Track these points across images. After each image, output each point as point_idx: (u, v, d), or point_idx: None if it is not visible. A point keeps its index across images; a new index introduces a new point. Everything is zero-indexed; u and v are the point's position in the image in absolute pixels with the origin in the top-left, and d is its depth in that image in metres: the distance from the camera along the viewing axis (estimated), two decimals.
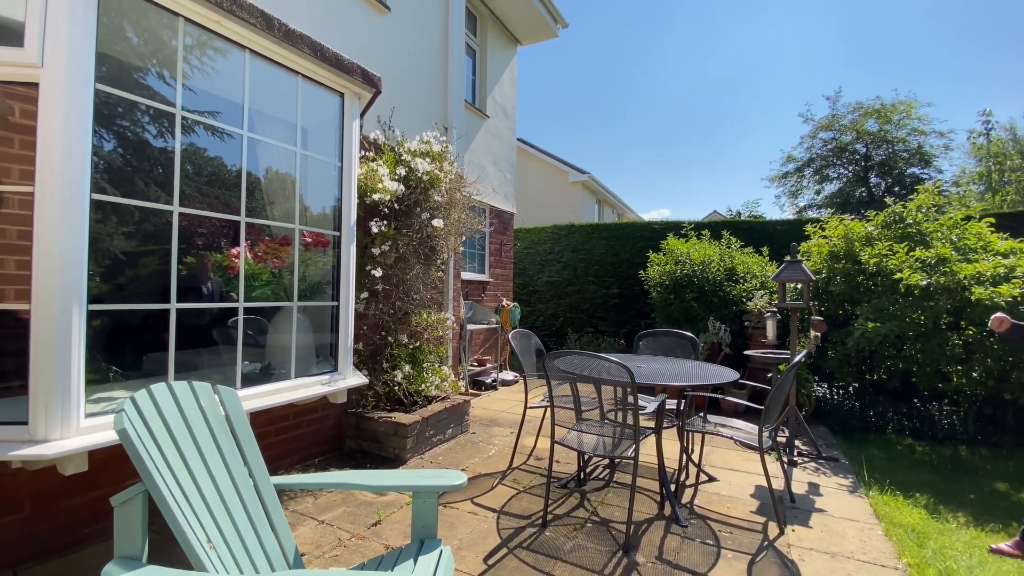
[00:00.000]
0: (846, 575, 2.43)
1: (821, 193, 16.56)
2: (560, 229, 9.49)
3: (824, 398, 5.59)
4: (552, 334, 9.34)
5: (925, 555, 2.63)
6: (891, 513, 3.13)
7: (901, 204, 5.18)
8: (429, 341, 4.49)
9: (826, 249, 5.18)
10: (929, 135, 14.73)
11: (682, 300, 6.33)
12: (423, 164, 4.10)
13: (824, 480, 3.69)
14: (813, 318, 4.13)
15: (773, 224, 8.13)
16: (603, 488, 3.47)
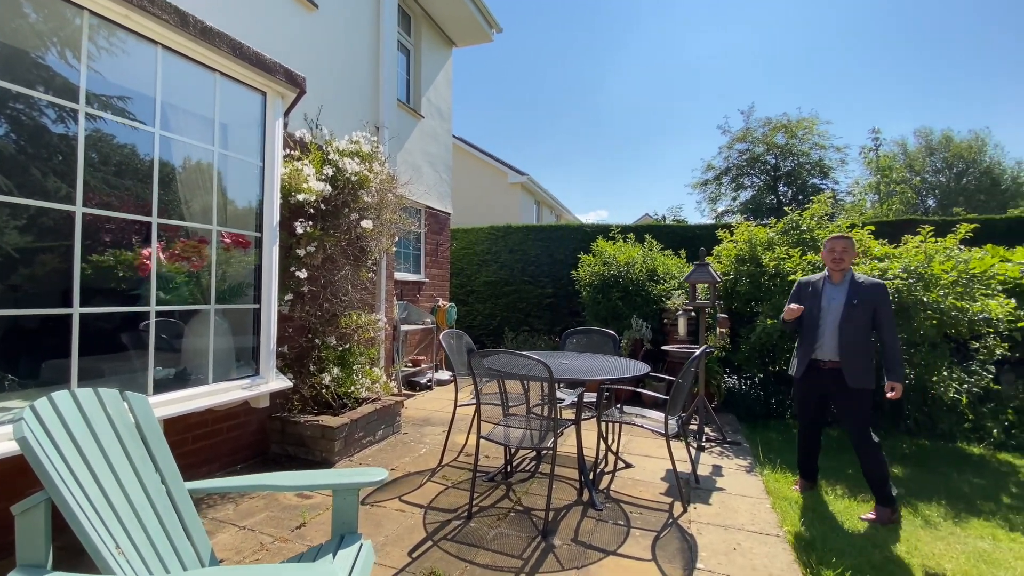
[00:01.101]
0: (735, 544, 2.75)
1: (737, 200, 18.08)
2: (497, 230, 9.66)
3: (733, 388, 6.12)
4: (490, 333, 9.50)
5: (803, 522, 3.02)
6: (779, 488, 3.54)
7: (798, 213, 5.77)
8: (359, 343, 4.48)
9: (733, 253, 5.68)
10: (828, 149, 16.59)
11: (609, 299, 6.68)
12: (352, 164, 4.09)
13: (726, 462, 4.09)
14: (719, 316, 4.54)
15: (693, 228, 8.74)
16: (528, 479, 3.65)
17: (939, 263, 4.74)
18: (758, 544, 2.75)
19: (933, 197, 24.82)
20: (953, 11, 49.65)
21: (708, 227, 8.83)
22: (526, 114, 65.85)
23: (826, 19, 52.66)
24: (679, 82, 60.13)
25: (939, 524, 3.11)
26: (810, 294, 3.51)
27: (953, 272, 4.71)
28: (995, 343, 5.03)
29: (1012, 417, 5.02)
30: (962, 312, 4.56)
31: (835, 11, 52.08)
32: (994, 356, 5.10)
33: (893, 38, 52.78)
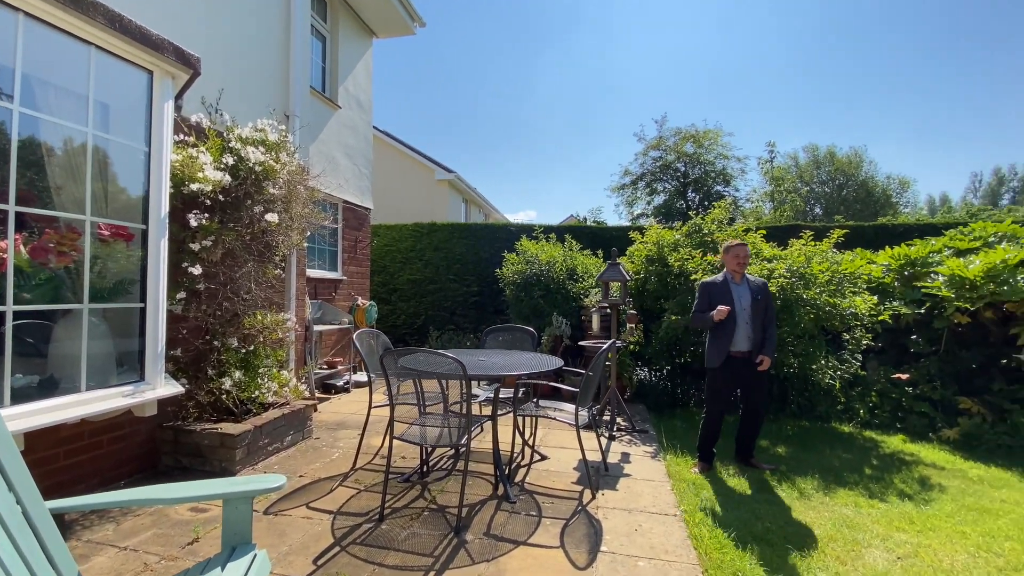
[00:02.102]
0: (637, 525, 2.92)
1: (651, 204, 19.28)
2: (422, 227, 9.51)
3: (644, 380, 6.49)
4: (414, 332, 9.33)
5: (698, 502, 3.27)
6: (679, 471, 3.81)
7: (700, 217, 6.23)
8: (266, 344, 4.22)
9: (643, 253, 6.02)
10: (730, 159, 18.28)
11: (531, 297, 6.82)
12: (256, 153, 3.84)
13: (634, 449, 4.33)
14: (628, 312, 4.79)
15: (611, 230, 9.16)
16: (445, 478, 3.64)
17: (817, 264, 5.33)
18: (657, 524, 2.94)
19: (820, 205, 27.86)
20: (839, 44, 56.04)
21: (625, 229, 9.29)
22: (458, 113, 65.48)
23: (731, 45, 57.38)
24: (604, 89, 62.69)
25: (812, 495, 3.50)
26: (721, 294, 3.89)
27: (828, 272, 5.31)
28: (862, 334, 5.73)
29: (875, 399, 5.74)
30: (835, 308, 5.16)
31: (738, 40, 56.88)
32: (861, 346, 5.82)
33: (788, 65, 58.57)
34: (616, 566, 2.47)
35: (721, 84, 60.17)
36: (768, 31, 56.86)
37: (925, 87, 58.85)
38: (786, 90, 60.97)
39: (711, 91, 59.96)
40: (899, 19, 53.84)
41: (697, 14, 54.08)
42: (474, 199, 19.04)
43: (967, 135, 58.78)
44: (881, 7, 53.29)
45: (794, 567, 2.55)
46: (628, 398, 6.16)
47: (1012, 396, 5.04)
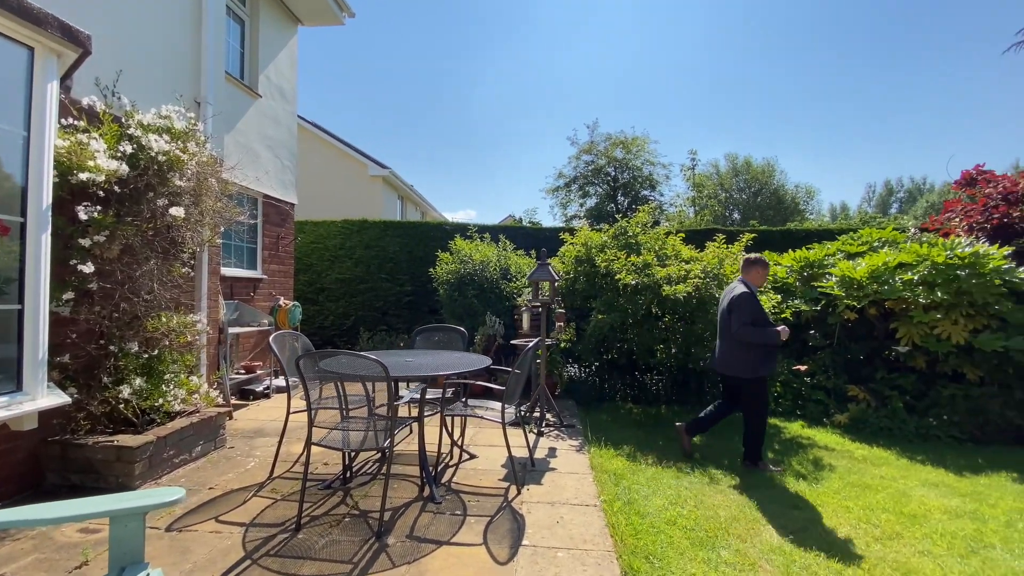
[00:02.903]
0: (559, 517, 3.01)
1: (584, 206, 19.95)
2: (352, 224, 9.20)
3: (574, 377, 6.68)
4: (343, 333, 9.01)
5: (617, 491, 3.41)
6: (602, 463, 3.96)
7: (625, 220, 6.51)
8: (172, 348, 3.91)
9: (573, 254, 6.20)
10: (656, 165, 19.32)
11: (465, 297, 6.81)
12: (159, 142, 3.55)
13: (561, 444, 4.46)
14: (557, 311, 4.92)
15: (545, 231, 9.33)
16: (369, 482, 3.55)
17: (728, 266, 5.74)
18: (578, 515, 3.04)
19: (738, 211, 30.00)
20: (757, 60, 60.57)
21: (559, 230, 9.50)
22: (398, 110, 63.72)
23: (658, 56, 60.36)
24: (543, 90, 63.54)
25: (721, 480, 3.77)
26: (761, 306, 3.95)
27: (738, 273, 5.72)
28: None
29: (779, 389, 6.26)
30: None
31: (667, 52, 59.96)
32: None
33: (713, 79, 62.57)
34: (536, 558, 2.53)
35: (650, 93, 63.05)
36: (695, 46, 60.54)
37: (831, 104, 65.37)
38: (710, 102, 65.09)
39: (640, 99, 62.68)
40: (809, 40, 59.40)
41: (632, 24, 56.47)
42: (410, 196, 18.69)
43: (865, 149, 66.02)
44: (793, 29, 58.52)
45: (700, 547, 2.73)
46: (558, 395, 6.33)
47: (891, 384, 5.69)
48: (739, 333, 3.86)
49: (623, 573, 2.43)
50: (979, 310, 5.27)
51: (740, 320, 3.85)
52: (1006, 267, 5.38)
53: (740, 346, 3.92)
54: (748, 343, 3.86)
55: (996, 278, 5.28)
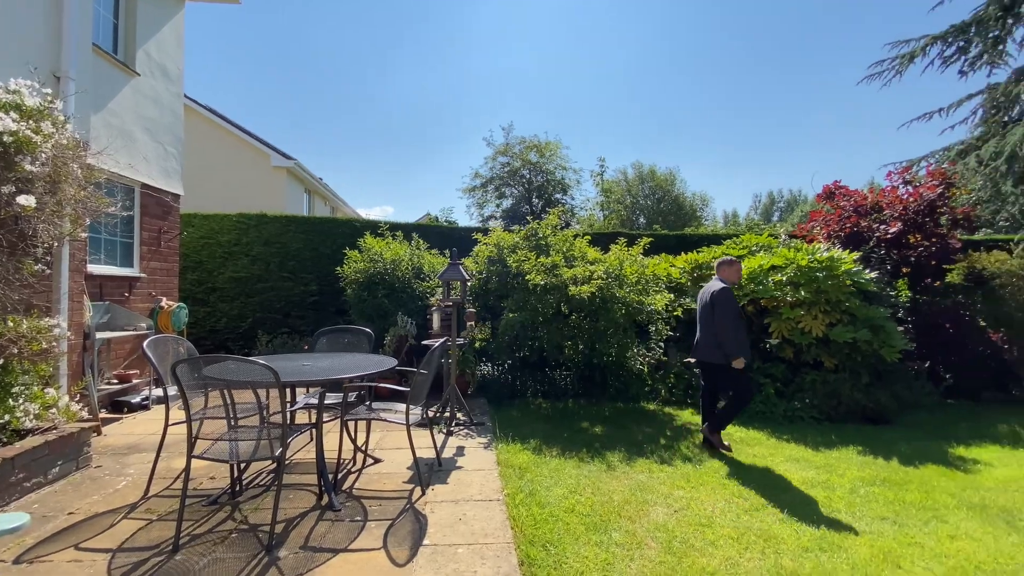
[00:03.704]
0: (462, 514, 3.04)
1: (500, 207, 20.24)
2: (248, 218, 8.54)
3: (488, 375, 6.76)
4: (239, 337, 8.35)
5: (521, 484, 3.52)
6: (509, 458, 4.05)
7: (536, 222, 6.70)
8: (23, 357, 3.40)
9: (486, 254, 6.27)
10: (568, 170, 20.14)
11: (375, 297, 6.62)
12: (4, 121, 3.06)
13: (470, 442, 4.49)
14: (467, 310, 4.95)
15: (460, 230, 9.32)
16: (262, 494, 3.34)
17: (628, 266, 6.12)
18: (482, 511, 3.09)
19: (644, 215, 32.00)
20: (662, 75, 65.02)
21: (474, 229, 9.55)
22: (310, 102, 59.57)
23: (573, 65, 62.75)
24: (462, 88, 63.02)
25: (617, 467, 4.02)
26: None
27: (636, 274, 6.13)
28: (663, 327, 6.74)
29: (673, 380, 6.78)
30: (641, 304, 5.99)
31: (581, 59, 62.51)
32: (663, 336, 6.85)
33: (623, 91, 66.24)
34: (436, 557, 2.54)
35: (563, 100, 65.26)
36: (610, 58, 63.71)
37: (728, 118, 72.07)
38: (620, 112, 68.89)
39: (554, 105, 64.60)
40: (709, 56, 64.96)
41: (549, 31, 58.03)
42: (319, 191, 17.75)
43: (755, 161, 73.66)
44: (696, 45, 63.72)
45: (594, 531, 2.90)
46: (471, 393, 6.37)
47: (765, 372, 6.39)
48: (720, 324, 4.39)
49: (520, 563, 2.52)
50: (834, 307, 6.09)
51: (722, 313, 4.40)
52: (855, 269, 6.28)
53: (722, 335, 4.40)
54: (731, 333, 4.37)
55: (847, 279, 6.14)
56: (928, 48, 8.33)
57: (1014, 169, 7.27)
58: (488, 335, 6.42)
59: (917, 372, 6.71)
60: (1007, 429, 5.51)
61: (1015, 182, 7.58)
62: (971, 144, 7.65)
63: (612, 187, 27.29)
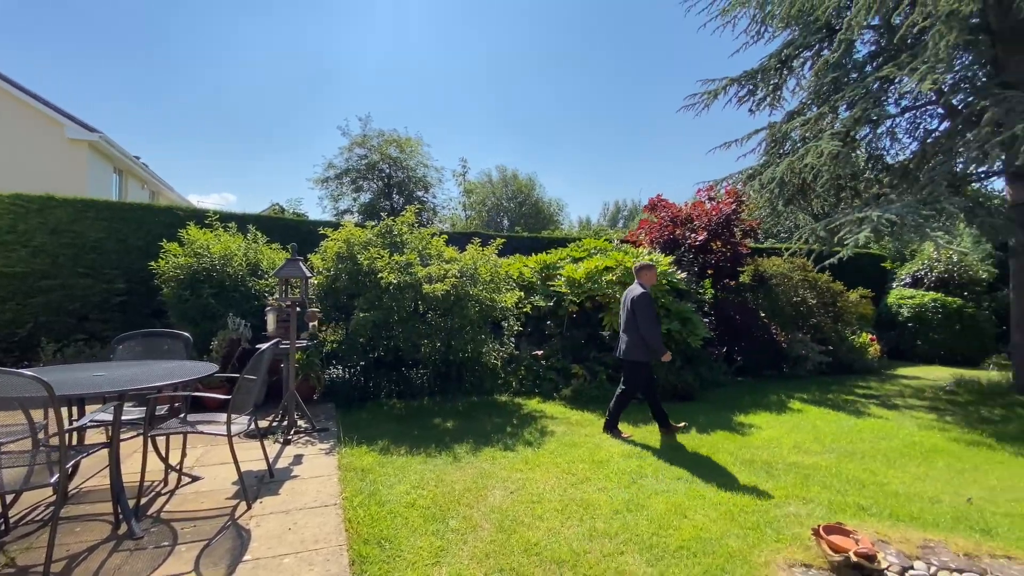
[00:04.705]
0: (292, 524, 2.89)
1: (358, 201, 19.30)
2: (27, 201, 6.92)
3: (337, 378, 6.44)
4: (14, 347, 6.73)
5: (362, 486, 3.45)
6: (352, 462, 3.94)
7: (391, 219, 6.58)
8: None
9: (335, 250, 5.98)
10: (430, 168, 20.02)
11: (199, 296, 5.87)
12: None
13: (310, 449, 4.26)
14: (308, 310, 4.68)
15: (308, 223, 8.71)
16: (37, 531, 2.78)
17: (482, 266, 6.35)
18: (315, 518, 2.97)
19: (508, 217, 33.29)
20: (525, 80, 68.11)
21: (326, 223, 8.99)
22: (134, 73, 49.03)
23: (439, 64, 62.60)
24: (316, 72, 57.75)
25: (463, 458, 4.15)
26: None
27: (489, 273, 6.39)
28: (514, 322, 7.12)
29: (523, 372, 7.20)
30: (494, 302, 6.26)
31: (444, 57, 62.66)
32: (514, 331, 7.24)
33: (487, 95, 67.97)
34: (258, 570, 2.39)
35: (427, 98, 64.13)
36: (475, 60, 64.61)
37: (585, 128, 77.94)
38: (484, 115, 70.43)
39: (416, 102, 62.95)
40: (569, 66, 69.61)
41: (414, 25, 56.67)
42: (134, 172, 15.12)
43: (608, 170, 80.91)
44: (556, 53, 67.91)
45: (432, 522, 2.98)
46: (317, 399, 6.02)
47: (600, 361, 7.14)
48: (644, 329, 4.84)
49: (351, 562, 2.48)
50: None
51: (646, 317, 4.85)
52: (669, 271, 7.34)
53: (643, 334, 4.88)
54: (649, 332, 4.83)
55: (664, 279, 7.15)
56: (728, 88, 10.04)
57: (783, 192, 9.15)
58: (342, 336, 6.14)
59: (717, 356, 8.07)
60: (776, 399, 6.93)
61: (784, 203, 9.55)
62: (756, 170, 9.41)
63: (476, 188, 27.89)
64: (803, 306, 9.28)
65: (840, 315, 9.49)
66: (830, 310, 9.44)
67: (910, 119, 9.06)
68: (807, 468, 4.20)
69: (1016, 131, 5.85)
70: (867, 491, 3.74)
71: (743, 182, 9.64)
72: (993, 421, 6.01)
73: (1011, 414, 6.34)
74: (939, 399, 7.15)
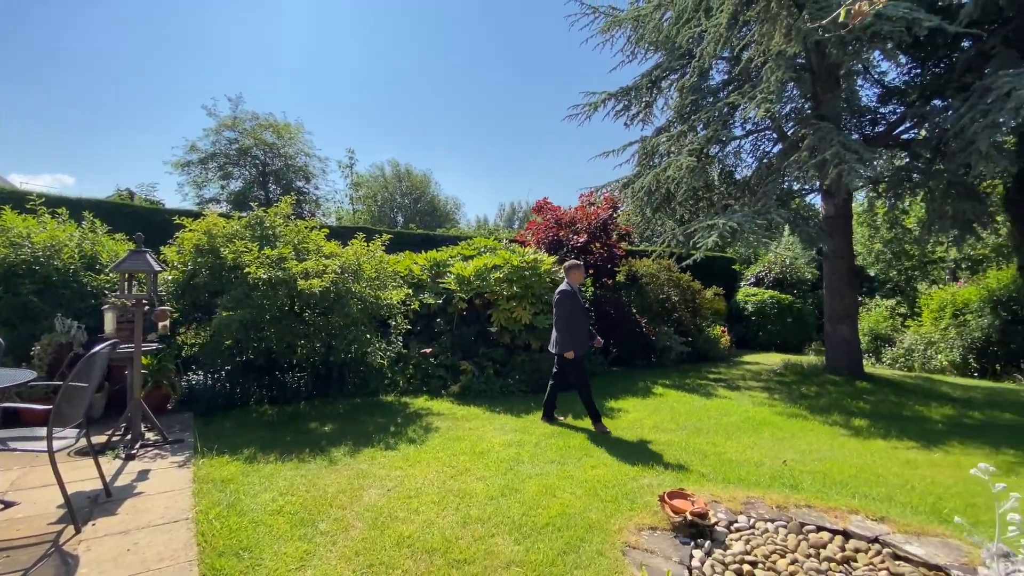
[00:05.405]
0: (133, 543, 2.59)
1: (226, 189, 17.51)
2: None
3: (197, 385, 5.84)
4: None
5: (220, 497, 3.19)
6: (210, 473, 3.62)
7: (263, 209, 6.11)
8: None
9: (193, 242, 5.41)
10: (313, 157, 18.77)
11: (16, 294, 4.94)
12: None
13: (159, 463, 3.83)
14: (157, 309, 4.19)
15: (163, 212, 7.76)
16: None
17: (366, 262, 6.17)
18: (161, 535, 2.69)
19: (402, 214, 32.51)
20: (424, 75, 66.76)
21: (187, 213, 8.06)
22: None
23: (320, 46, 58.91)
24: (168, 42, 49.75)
25: (340, 460, 4.02)
26: (579, 302, 5.24)
27: (375, 269, 6.23)
28: (402, 320, 7.01)
29: (411, 371, 7.13)
30: (378, 299, 6.11)
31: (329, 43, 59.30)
32: (402, 330, 7.13)
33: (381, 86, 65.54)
34: None
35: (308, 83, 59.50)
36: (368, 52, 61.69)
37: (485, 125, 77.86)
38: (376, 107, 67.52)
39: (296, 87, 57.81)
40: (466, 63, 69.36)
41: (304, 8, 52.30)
42: None
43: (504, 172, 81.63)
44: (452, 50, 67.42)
45: (300, 526, 2.86)
46: (172, 408, 5.40)
47: (488, 356, 7.31)
48: (557, 325, 5.23)
49: None
50: (538, 299, 7.39)
51: (558, 313, 5.20)
52: (553, 269, 7.75)
53: (561, 332, 5.18)
54: (564, 330, 5.18)
55: (548, 277, 7.53)
56: (606, 102, 10.85)
57: (652, 200, 10.12)
58: (205, 338, 5.56)
59: (596, 348, 8.70)
60: (643, 385, 7.65)
61: (652, 210, 10.56)
62: (630, 179, 10.29)
63: (366, 182, 26.79)
64: (668, 302, 10.36)
65: (698, 310, 10.74)
66: (690, 306, 10.64)
67: (753, 141, 10.57)
68: (663, 444, 4.72)
69: (826, 156, 7.10)
70: (708, 460, 4.31)
71: (619, 190, 10.47)
72: (809, 397, 7.25)
73: (823, 390, 7.69)
74: (771, 380, 8.44)
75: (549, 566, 2.57)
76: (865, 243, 15.40)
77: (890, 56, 7.78)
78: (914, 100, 8.72)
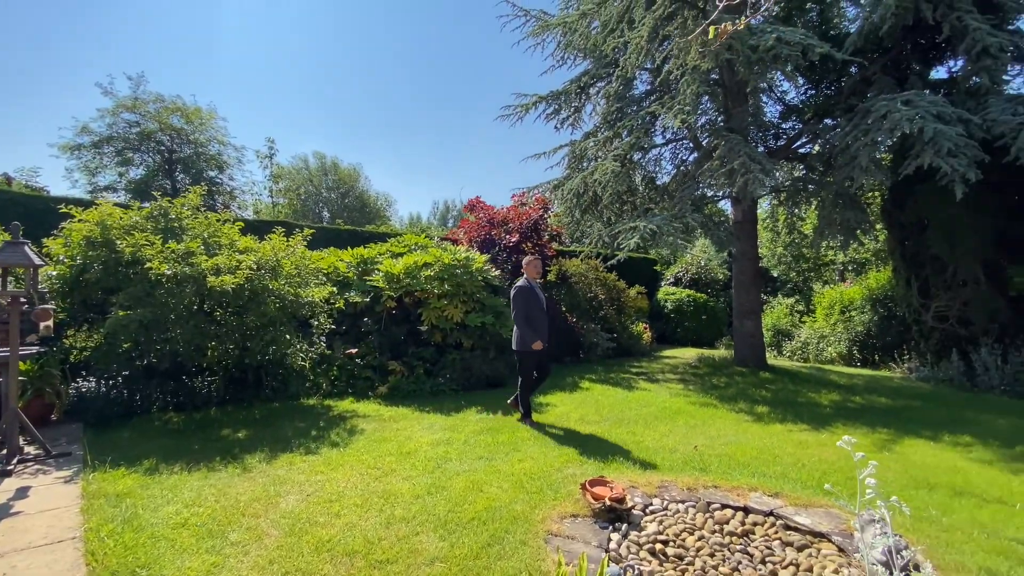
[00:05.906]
0: (10, 567, 2.31)
1: (124, 177, 15.82)
2: None
3: (88, 392, 5.26)
4: None
5: (115, 513, 2.91)
6: (103, 488, 3.29)
7: (167, 200, 5.63)
8: None
9: (83, 234, 4.87)
10: (227, 146, 17.47)
11: None
12: None
13: (41, 479, 3.42)
14: (39, 308, 3.74)
15: (48, 200, 6.90)
16: None
17: (285, 258, 5.86)
18: (43, 556, 2.42)
19: (328, 208, 31.10)
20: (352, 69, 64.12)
21: (76, 201, 7.23)
22: None
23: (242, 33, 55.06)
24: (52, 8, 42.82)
25: (255, 467, 3.80)
26: (535, 297, 5.31)
27: (295, 266, 5.93)
28: (325, 320, 6.74)
29: (336, 372, 6.87)
30: (298, 298, 5.83)
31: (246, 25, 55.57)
32: (326, 329, 6.85)
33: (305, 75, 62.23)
34: None
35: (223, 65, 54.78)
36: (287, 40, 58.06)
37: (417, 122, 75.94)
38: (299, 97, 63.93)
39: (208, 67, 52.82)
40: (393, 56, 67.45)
41: None
42: None
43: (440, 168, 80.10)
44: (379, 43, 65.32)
45: (208, 538, 2.68)
46: (58, 419, 4.83)
47: (418, 356, 7.21)
48: (516, 321, 5.28)
49: None
50: (469, 297, 7.39)
51: (515, 310, 5.28)
52: (485, 267, 7.79)
53: (521, 327, 5.25)
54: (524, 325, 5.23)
55: (480, 275, 7.55)
56: (538, 104, 11.07)
57: (580, 202, 10.47)
58: (100, 340, 5.01)
59: None
60: (571, 380, 7.89)
61: (581, 212, 10.92)
62: (561, 181, 10.58)
63: (288, 174, 25.32)
64: (596, 301, 10.76)
65: (623, 308, 11.26)
66: (616, 304, 11.12)
67: (672, 149, 11.22)
68: (587, 436, 4.91)
69: (734, 166, 7.71)
70: (628, 449, 4.55)
71: (551, 191, 10.71)
72: (719, 387, 7.83)
73: (731, 381, 8.33)
74: (687, 373, 9.02)
75: (473, 559, 2.60)
76: (769, 246, 16.88)
77: (789, 77, 8.58)
78: (809, 118, 9.68)
